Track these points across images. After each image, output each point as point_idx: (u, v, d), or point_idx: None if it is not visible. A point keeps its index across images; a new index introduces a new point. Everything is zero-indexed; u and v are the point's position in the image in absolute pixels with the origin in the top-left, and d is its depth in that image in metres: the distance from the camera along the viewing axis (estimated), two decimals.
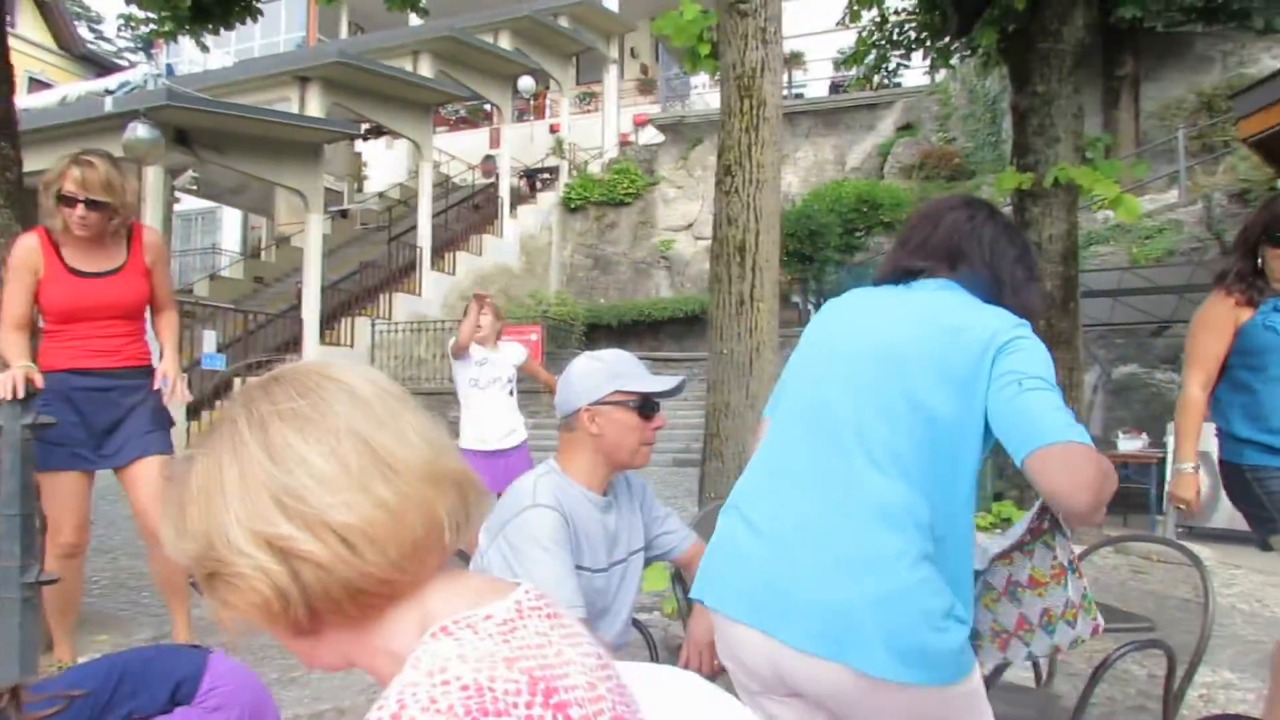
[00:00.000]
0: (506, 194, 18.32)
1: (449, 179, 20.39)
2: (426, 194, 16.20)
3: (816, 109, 18.96)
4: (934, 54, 9.45)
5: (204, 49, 9.45)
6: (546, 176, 20.64)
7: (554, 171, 20.45)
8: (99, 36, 28.27)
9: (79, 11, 27.66)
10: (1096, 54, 13.65)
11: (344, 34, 22.60)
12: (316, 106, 14.14)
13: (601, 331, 16.23)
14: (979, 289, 1.58)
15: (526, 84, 18.94)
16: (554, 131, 20.85)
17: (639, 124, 21.43)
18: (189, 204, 19.56)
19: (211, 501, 0.74)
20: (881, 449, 1.43)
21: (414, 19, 17.52)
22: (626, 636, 2.09)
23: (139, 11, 6.81)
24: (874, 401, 1.46)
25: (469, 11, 18.26)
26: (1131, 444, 8.85)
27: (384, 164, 22.15)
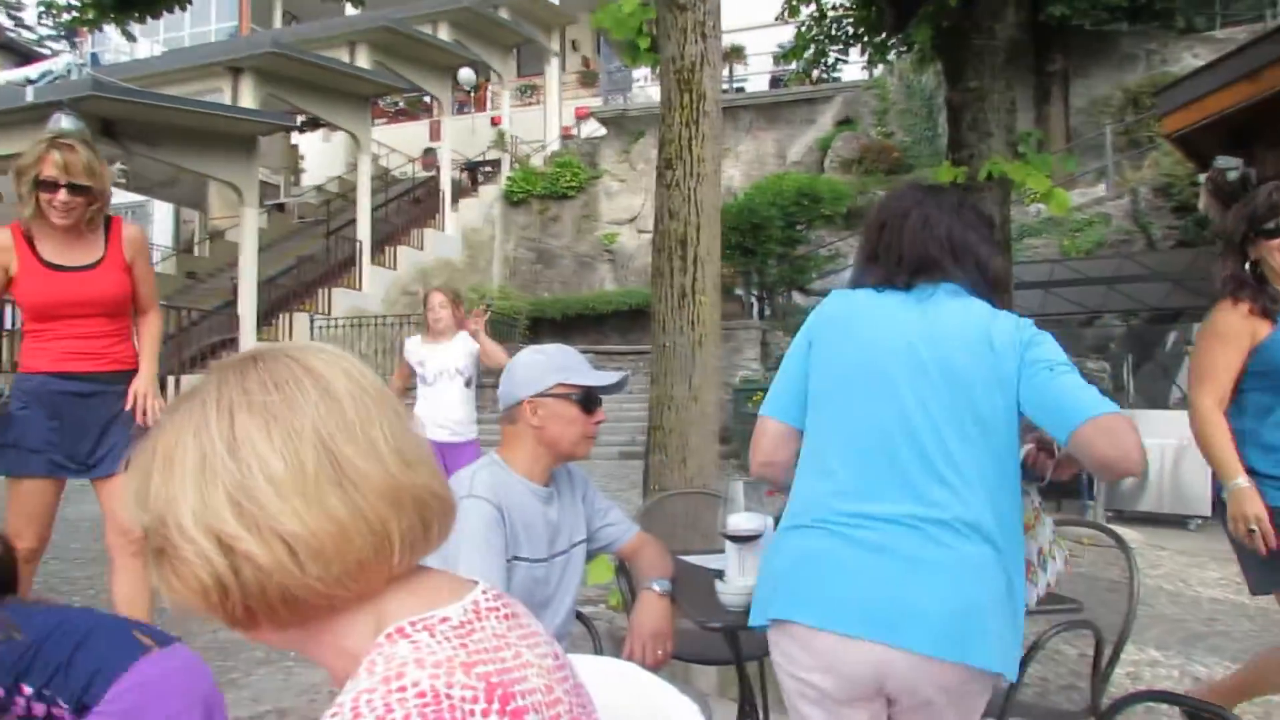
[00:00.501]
0: (448, 187, 18.12)
1: (388, 172, 20.11)
2: (365, 187, 15.95)
3: (757, 103, 19.12)
4: (871, 49, 9.57)
5: (130, 38, 9.18)
6: (488, 169, 20.47)
7: (496, 164, 20.29)
8: (19, 24, 27.20)
9: None
10: (1028, 51, 14.01)
11: (278, 23, 22.12)
12: (250, 98, 13.82)
13: (545, 325, 16.17)
14: (969, 284, 1.69)
15: (466, 76, 18.75)
16: (495, 124, 20.67)
17: (581, 117, 21.37)
18: (118, 197, 18.93)
19: (170, 478, 0.72)
20: (961, 467, 1.54)
21: (350, 9, 17.28)
22: (569, 628, 2.10)
23: None
24: (950, 423, 1.55)
25: (406, 2, 18.02)
26: None
27: (321, 157, 21.73)
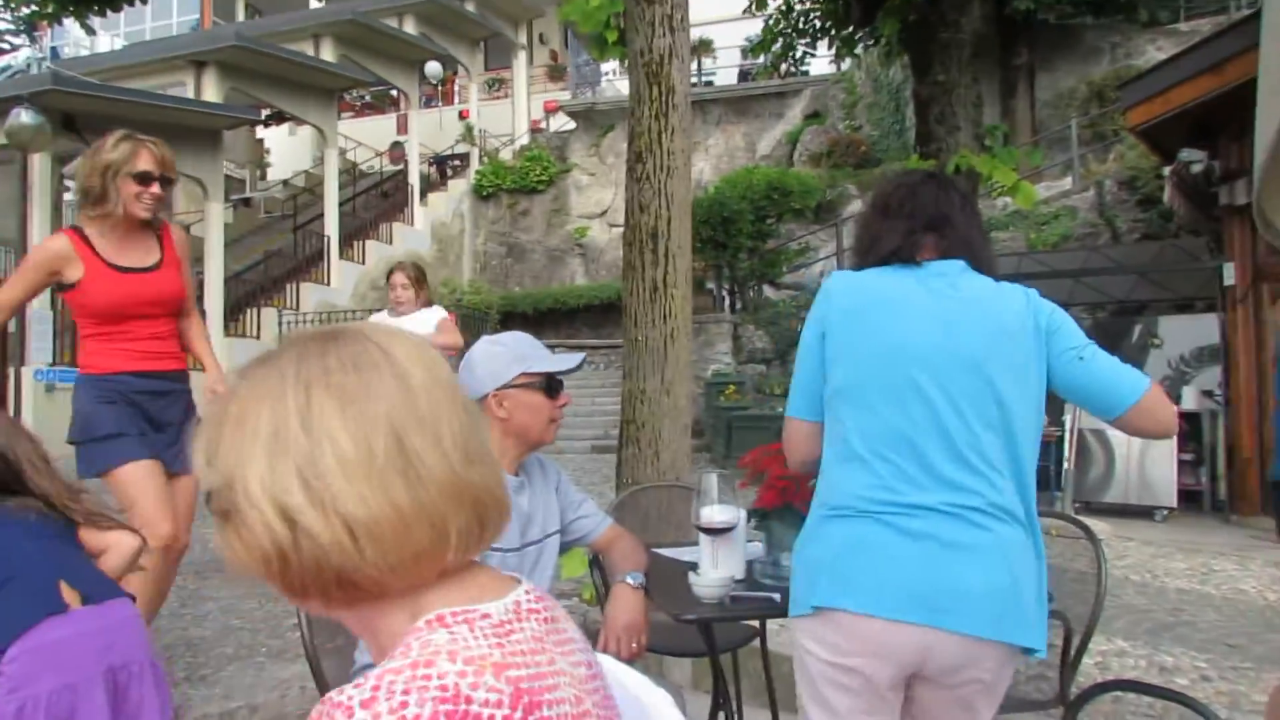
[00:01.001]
0: (416, 181, 17.99)
1: (356, 166, 19.91)
2: (333, 181, 15.79)
3: (726, 97, 19.15)
4: (838, 43, 9.63)
5: (90, 31, 9.01)
6: (457, 163, 20.33)
7: (464, 158, 20.16)
8: None
9: None
10: (994, 45, 14.15)
11: (240, 16, 21.83)
12: (214, 91, 13.62)
13: (517, 320, 16.10)
14: (973, 262, 1.73)
15: (434, 69, 18.61)
16: (463, 118, 20.53)
17: (550, 111, 21.28)
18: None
19: (241, 443, 0.73)
20: (988, 454, 1.59)
21: (314, 2, 17.08)
22: None
23: None
24: (974, 410, 1.59)
25: None
26: None
27: (287, 151, 21.48)
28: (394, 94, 21.17)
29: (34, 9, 6.42)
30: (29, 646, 1.85)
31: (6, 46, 23.01)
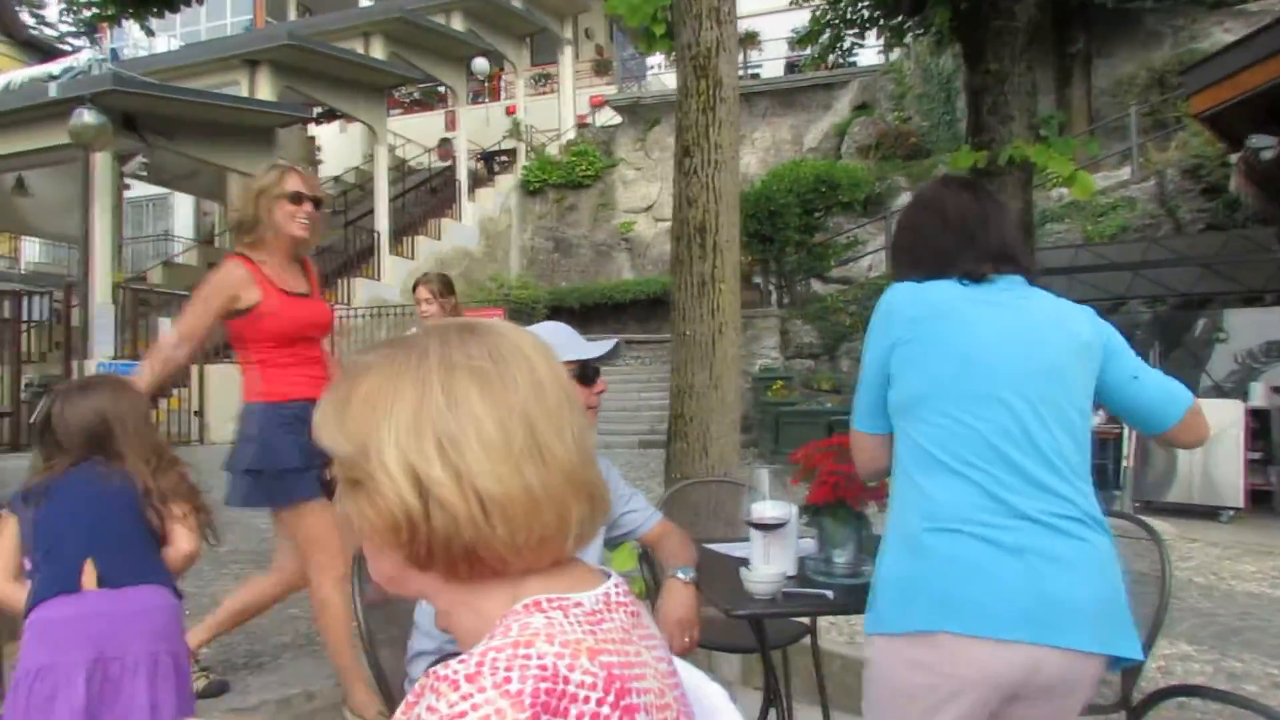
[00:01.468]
0: (464, 177, 18.14)
1: (405, 162, 20.14)
2: (383, 178, 16.00)
3: (773, 89, 19.00)
4: (888, 33, 9.47)
5: (149, 33, 9.24)
6: (504, 159, 20.46)
7: (511, 154, 20.28)
8: (41, 21, 27.41)
9: None
10: (1049, 32, 13.83)
11: (292, 16, 22.16)
12: (267, 90, 13.87)
13: (564, 314, 16.16)
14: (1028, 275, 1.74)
15: (480, 65, 18.73)
16: (510, 113, 20.65)
17: (596, 105, 21.31)
18: (139, 190, 19.08)
19: (377, 416, 0.76)
20: (1073, 462, 1.59)
21: (364, 0, 17.31)
22: None
23: None
24: (1058, 421, 1.59)
25: None
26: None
27: (338, 148, 21.78)
28: (442, 90, 21.35)
29: (95, 11, 6.58)
30: (33, 621, 1.89)
31: (69, 48, 23.69)
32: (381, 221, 15.78)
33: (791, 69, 20.60)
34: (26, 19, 25.78)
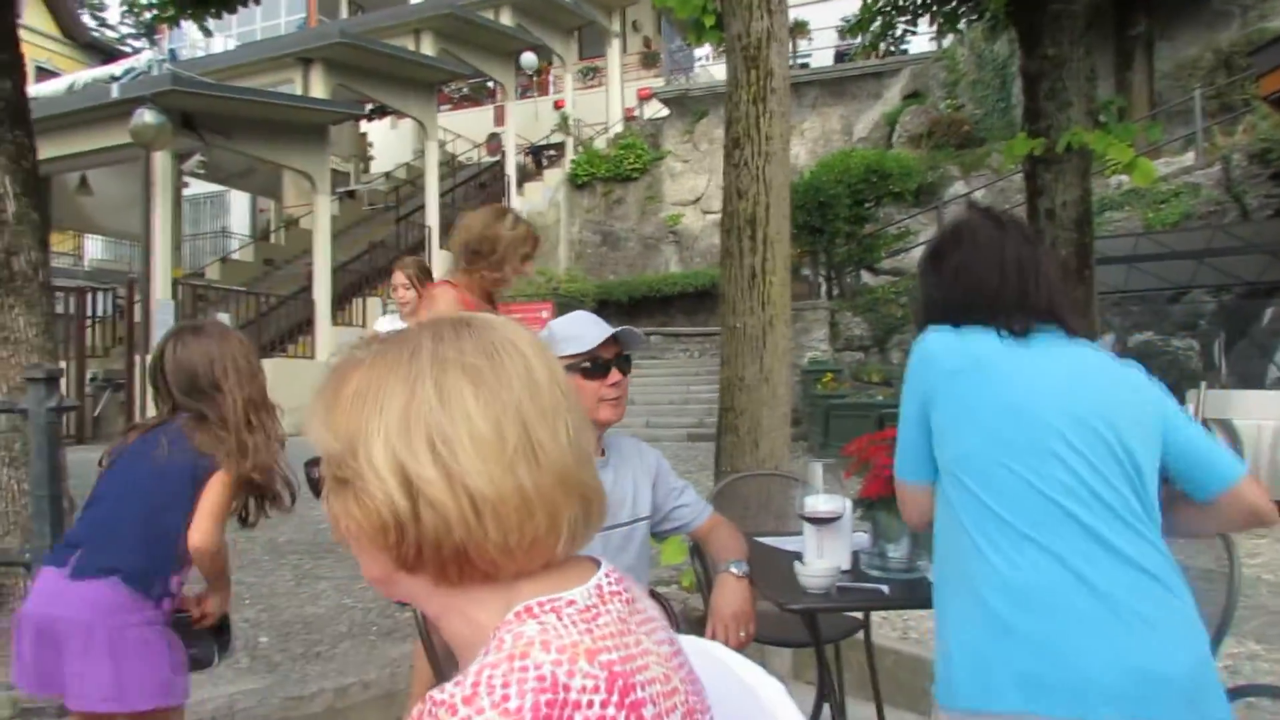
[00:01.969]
0: (513, 172, 18.27)
1: (455, 158, 20.32)
2: (433, 173, 16.17)
3: (822, 79, 18.79)
4: (941, 19, 9.30)
5: (207, 33, 9.41)
6: (552, 153, 20.55)
7: (560, 148, 20.35)
8: (102, 24, 28.18)
9: None
10: (1108, 14, 13.47)
11: (344, 14, 22.48)
12: (320, 88, 14.10)
13: (612, 308, 16.19)
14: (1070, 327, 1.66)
15: (529, 60, 18.81)
16: (558, 108, 20.72)
17: (643, 98, 21.28)
18: (197, 188, 19.56)
19: (367, 413, 0.74)
20: (1145, 519, 1.51)
21: None
22: None
23: None
24: (1122, 478, 1.50)
25: None
26: None
27: (389, 144, 22.07)
28: (491, 86, 21.50)
29: (155, 13, 6.72)
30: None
31: (129, 50, 24.31)
32: (432, 216, 15.96)
33: (841, 58, 20.34)
34: (88, 21, 26.50)
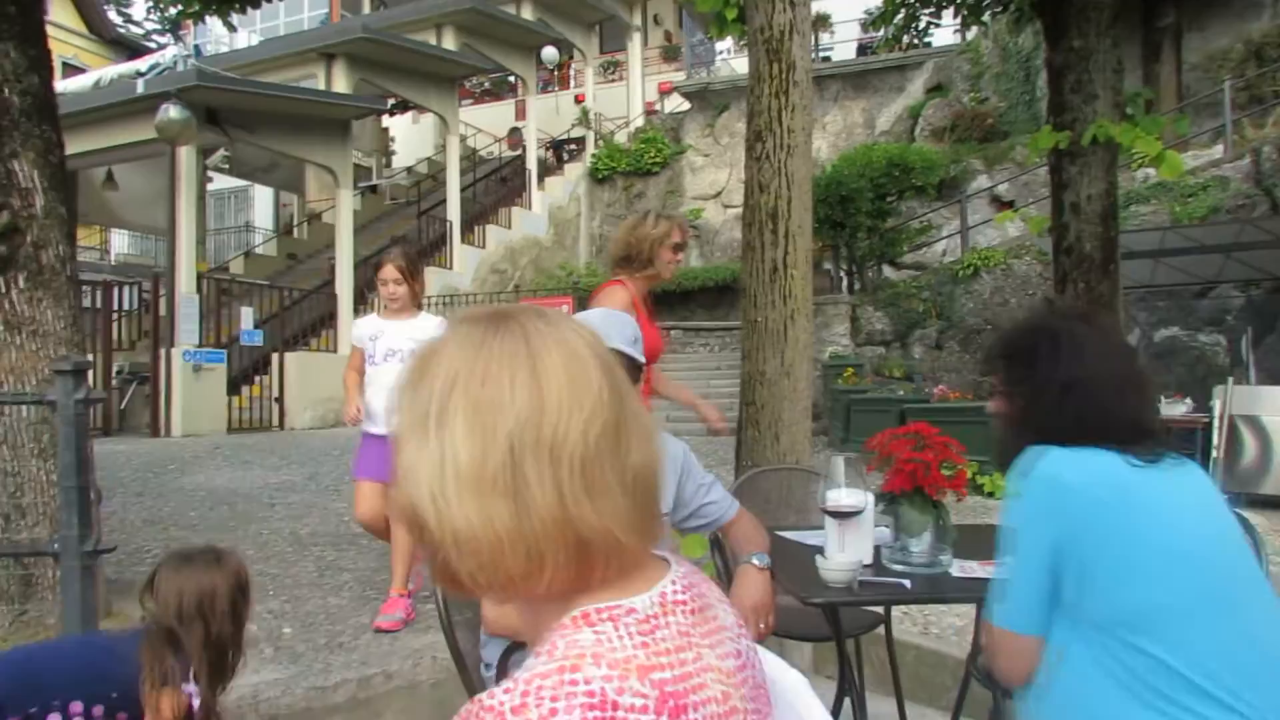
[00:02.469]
0: (534, 166, 18.28)
1: (475, 152, 20.38)
2: (454, 168, 16.21)
3: (844, 72, 18.68)
4: (965, 11, 9.22)
5: (231, 28, 9.47)
6: (573, 148, 20.56)
7: (580, 142, 20.36)
8: (127, 20, 28.45)
9: None
10: (1136, 5, 13.30)
11: (366, 9, 22.57)
12: (343, 83, 14.16)
13: None
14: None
15: (550, 54, 18.82)
16: (579, 102, 20.72)
17: (664, 92, 21.24)
18: (221, 183, 19.74)
19: (402, 417, 0.76)
20: None
21: None
22: None
23: None
24: (1263, 594, 1.43)
25: None
26: (1174, 409, 8.66)
27: (410, 139, 22.16)
28: (512, 80, 21.54)
29: (180, 9, 6.76)
30: None
31: (154, 45, 24.54)
32: (453, 211, 16.00)
33: (863, 51, 20.22)
34: (114, 18, 26.76)
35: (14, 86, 3.62)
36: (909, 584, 2.07)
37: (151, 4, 7.24)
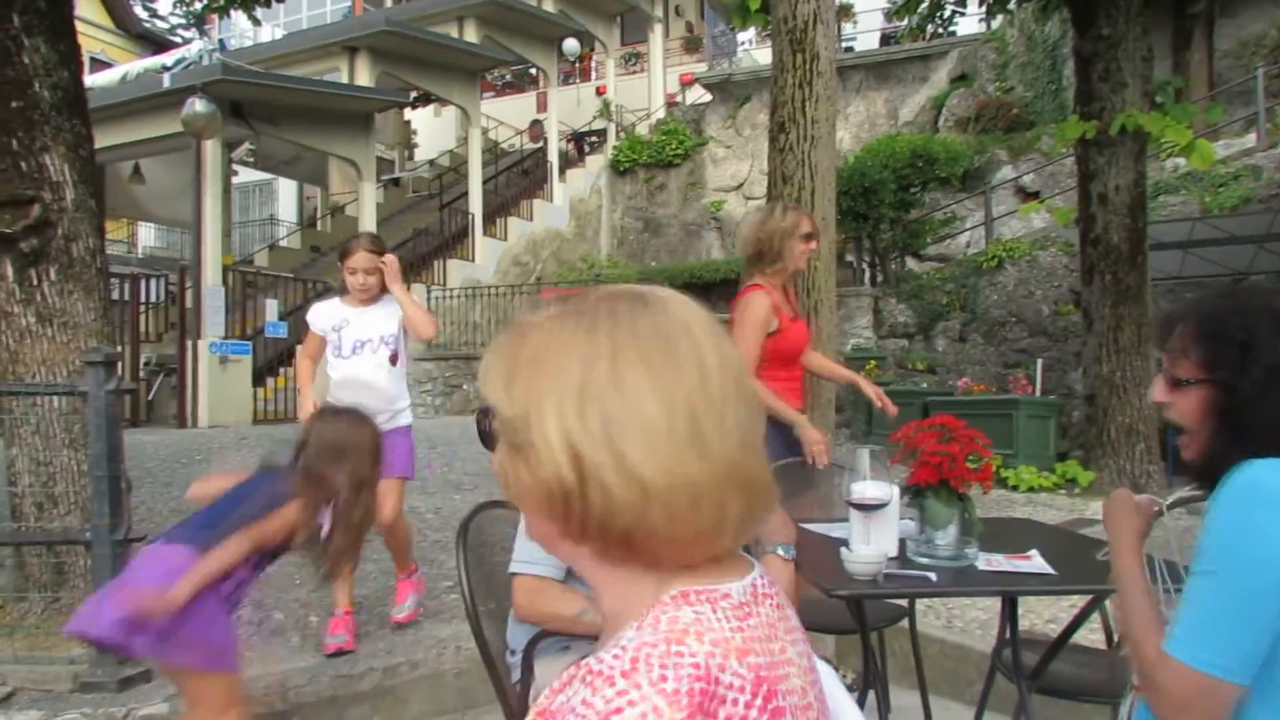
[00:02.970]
0: (555, 158, 18.29)
1: (497, 145, 20.41)
2: (476, 160, 16.25)
3: (867, 62, 18.53)
4: (990, 0, 9.15)
5: (256, 23, 9.54)
6: (594, 139, 20.54)
7: (602, 134, 20.34)
8: (153, 15, 28.68)
9: None
10: None
11: (388, 2, 22.64)
12: (365, 76, 14.22)
13: None
14: None
15: (571, 46, 18.80)
16: (600, 94, 20.70)
17: (686, 83, 21.17)
18: (246, 176, 19.88)
19: (543, 383, 0.74)
20: None
21: None
22: None
23: None
24: None
25: None
26: None
27: (433, 131, 22.23)
28: (533, 72, 21.55)
29: (205, 4, 6.82)
30: None
31: (180, 40, 24.72)
32: (475, 203, 16.05)
33: (887, 40, 20.03)
34: (140, 13, 26.98)
35: (45, 81, 3.66)
36: (934, 577, 2.06)
37: None
